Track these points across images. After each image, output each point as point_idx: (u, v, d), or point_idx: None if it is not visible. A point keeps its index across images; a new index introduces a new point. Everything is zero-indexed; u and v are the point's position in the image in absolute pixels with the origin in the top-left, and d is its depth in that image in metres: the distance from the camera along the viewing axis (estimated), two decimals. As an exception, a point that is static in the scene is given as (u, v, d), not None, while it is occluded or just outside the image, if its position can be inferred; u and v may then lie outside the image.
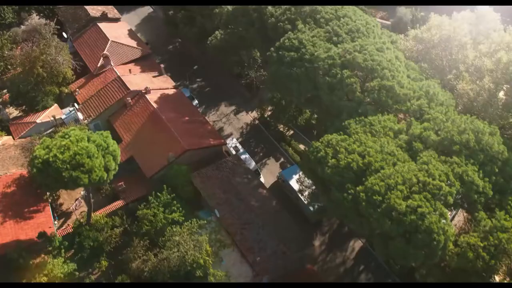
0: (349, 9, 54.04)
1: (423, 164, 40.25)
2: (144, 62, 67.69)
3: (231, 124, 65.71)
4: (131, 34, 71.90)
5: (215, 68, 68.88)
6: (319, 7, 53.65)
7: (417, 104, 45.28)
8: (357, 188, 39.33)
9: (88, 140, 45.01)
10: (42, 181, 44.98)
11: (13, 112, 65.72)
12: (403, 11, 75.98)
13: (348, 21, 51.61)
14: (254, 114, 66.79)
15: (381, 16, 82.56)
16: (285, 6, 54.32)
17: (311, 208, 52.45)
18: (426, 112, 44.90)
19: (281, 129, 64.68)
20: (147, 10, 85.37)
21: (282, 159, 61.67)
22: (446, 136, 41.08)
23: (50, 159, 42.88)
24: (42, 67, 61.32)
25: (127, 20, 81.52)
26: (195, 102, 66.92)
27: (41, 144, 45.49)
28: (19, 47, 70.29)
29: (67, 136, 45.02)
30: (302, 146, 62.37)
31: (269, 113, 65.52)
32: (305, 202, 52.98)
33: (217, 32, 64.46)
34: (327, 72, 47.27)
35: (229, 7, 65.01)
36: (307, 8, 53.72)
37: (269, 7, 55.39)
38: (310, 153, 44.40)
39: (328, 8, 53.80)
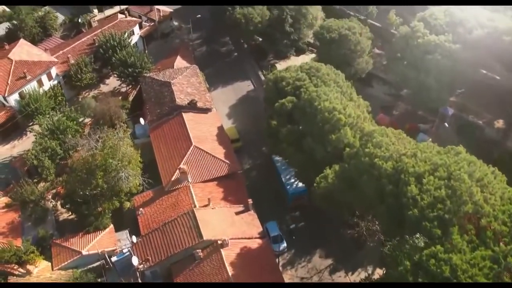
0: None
1: None
2: (230, 183, 52.87)
3: (324, 287, 50.39)
4: (221, 135, 56.96)
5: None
6: (486, 207, 36.86)
7: None
8: None
9: None
10: None
11: (63, 212, 54.16)
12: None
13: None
14: (355, 278, 50.87)
15: None
16: (438, 194, 37.68)
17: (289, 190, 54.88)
18: None
19: (388, 311, 48.51)
20: (247, 86, 70.44)
21: None
22: None
23: None
24: (104, 177, 48.84)
25: (222, 96, 67.87)
26: (283, 245, 51.94)
27: None
28: (86, 127, 58.67)
29: None
30: None
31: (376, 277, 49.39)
32: (287, 187, 55.43)
33: (328, 171, 48.88)
34: None
35: (351, 139, 49.27)
36: (469, 206, 36.94)
37: (412, 186, 39.00)
38: None
39: (501, 213, 36.81)
